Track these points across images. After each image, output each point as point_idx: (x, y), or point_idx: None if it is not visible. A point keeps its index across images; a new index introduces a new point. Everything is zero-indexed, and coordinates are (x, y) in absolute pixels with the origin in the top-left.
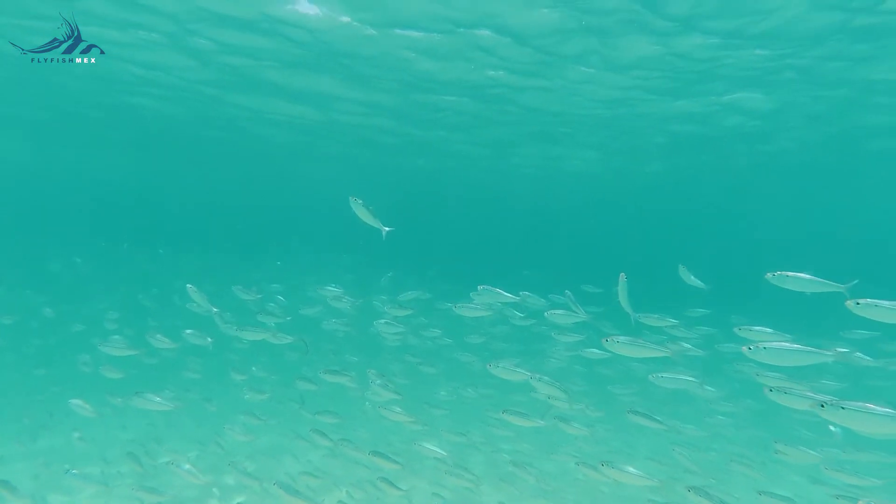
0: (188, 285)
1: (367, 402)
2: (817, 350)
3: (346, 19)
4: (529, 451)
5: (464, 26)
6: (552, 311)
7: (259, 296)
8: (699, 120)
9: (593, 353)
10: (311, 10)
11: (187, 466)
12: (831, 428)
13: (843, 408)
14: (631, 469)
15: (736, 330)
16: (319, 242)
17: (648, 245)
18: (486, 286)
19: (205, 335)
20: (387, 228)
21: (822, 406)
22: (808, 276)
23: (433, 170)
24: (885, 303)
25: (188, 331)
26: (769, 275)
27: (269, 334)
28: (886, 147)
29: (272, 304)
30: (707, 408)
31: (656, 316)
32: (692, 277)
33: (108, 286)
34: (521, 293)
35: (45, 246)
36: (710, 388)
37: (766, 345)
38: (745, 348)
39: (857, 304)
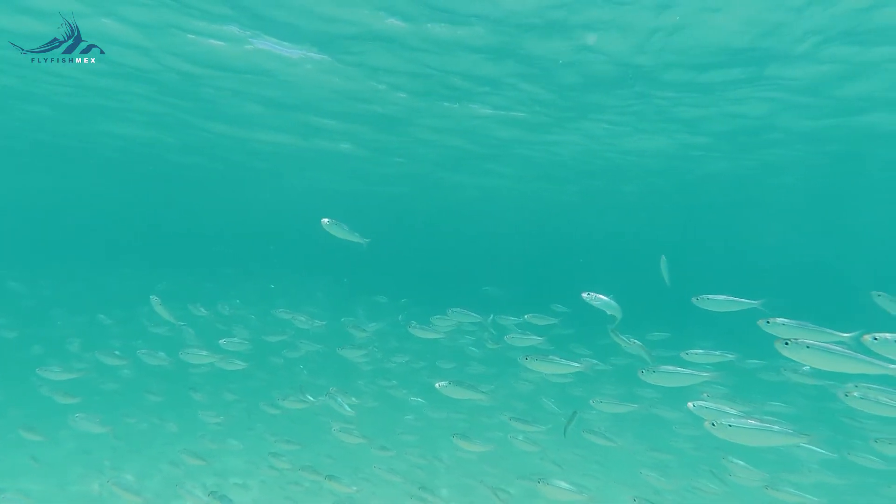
0: (152, 297)
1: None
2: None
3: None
4: (496, 474)
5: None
6: (512, 335)
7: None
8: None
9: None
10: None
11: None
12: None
13: (808, 346)
14: (562, 484)
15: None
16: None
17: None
18: (456, 308)
19: (163, 354)
20: (365, 240)
21: (787, 344)
22: (725, 297)
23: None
24: (790, 322)
25: (147, 351)
26: (694, 299)
27: (216, 359)
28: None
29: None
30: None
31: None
32: (666, 272)
33: (71, 307)
34: (491, 316)
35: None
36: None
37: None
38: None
39: (767, 322)
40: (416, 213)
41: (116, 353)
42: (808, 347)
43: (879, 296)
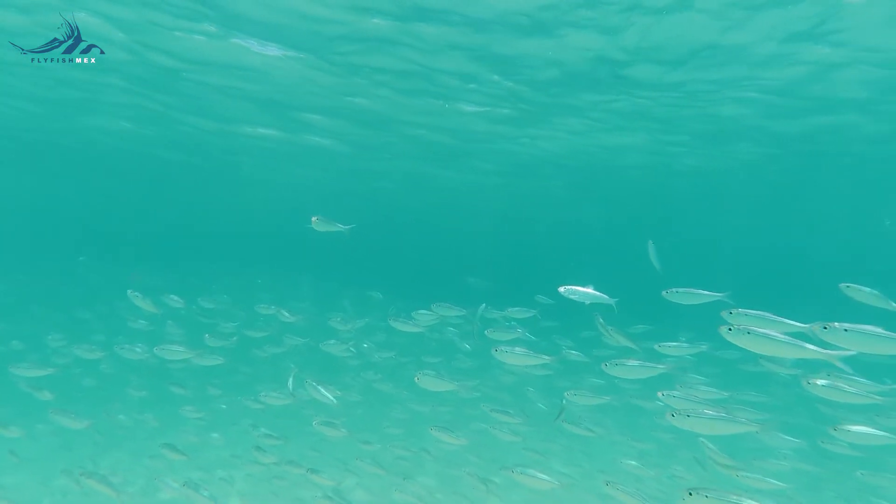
0: (129, 291)
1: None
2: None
3: None
4: (481, 464)
5: None
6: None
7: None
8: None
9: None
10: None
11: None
12: None
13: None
14: (536, 473)
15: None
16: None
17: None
18: (439, 303)
19: (142, 348)
20: (348, 227)
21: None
22: (692, 290)
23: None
24: (752, 312)
25: (126, 346)
26: (664, 292)
27: (193, 354)
28: None
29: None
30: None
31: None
32: (655, 257)
33: (51, 304)
34: (483, 305)
35: None
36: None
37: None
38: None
39: (731, 313)
40: (404, 208)
41: (94, 347)
42: (748, 333)
43: (848, 287)
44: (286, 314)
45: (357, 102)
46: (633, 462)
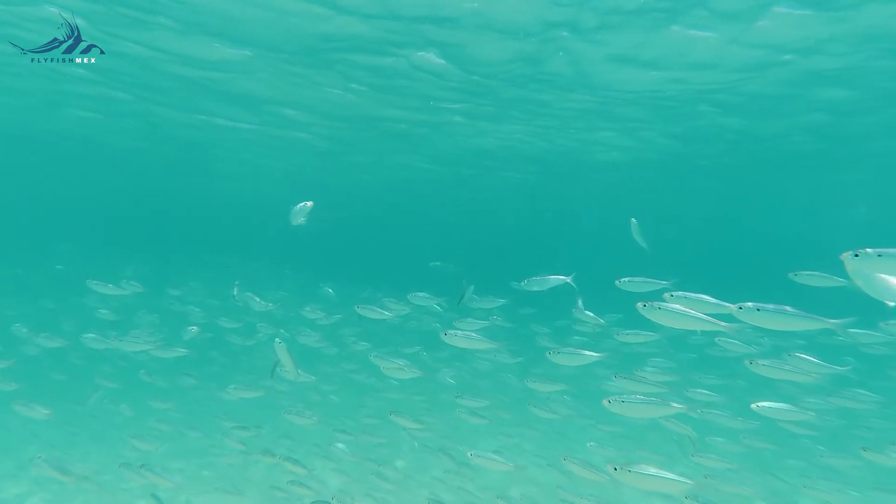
0: (88, 281)
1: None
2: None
3: None
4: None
5: None
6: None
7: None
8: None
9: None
10: None
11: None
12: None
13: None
14: (492, 455)
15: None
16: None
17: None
18: (415, 293)
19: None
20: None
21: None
22: (641, 279)
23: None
24: (691, 295)
25: (91, 335)
26: (617, 281)
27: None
28: None
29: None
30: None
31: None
32: (639, 236)
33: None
34: (471, 287)
35: None
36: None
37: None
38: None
39: (672, 296)
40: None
41: (60, 337)
42: (659, 308)
43: (796, 275)
44: (258, 300)
45: (327, 93)
46: (593, 443)
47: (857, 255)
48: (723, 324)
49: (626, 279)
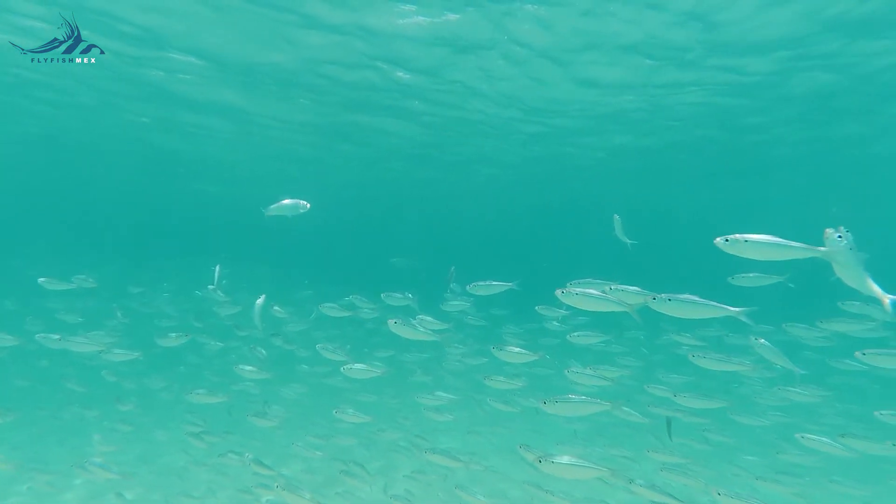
0: (40, 279)
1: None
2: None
3: None
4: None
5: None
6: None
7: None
8: None
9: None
10: None
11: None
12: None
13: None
14: (444, 453)
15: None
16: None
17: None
18: (387, 293)
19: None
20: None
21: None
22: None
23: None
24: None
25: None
26: (569, 284)
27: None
28: None
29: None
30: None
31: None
32: (620, 231)
33: None
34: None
35: None
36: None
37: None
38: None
39: (611, 288)
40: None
41: (9, 336)
42: (575, 294)
43: (733, 278)
44: (221, 294)
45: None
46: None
47: (727, 240)
48: (629, 304)
49: (577, 281)
